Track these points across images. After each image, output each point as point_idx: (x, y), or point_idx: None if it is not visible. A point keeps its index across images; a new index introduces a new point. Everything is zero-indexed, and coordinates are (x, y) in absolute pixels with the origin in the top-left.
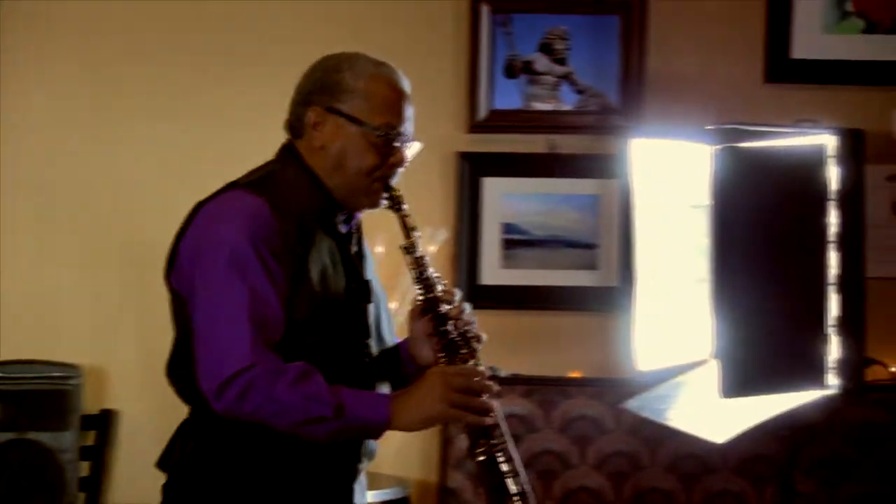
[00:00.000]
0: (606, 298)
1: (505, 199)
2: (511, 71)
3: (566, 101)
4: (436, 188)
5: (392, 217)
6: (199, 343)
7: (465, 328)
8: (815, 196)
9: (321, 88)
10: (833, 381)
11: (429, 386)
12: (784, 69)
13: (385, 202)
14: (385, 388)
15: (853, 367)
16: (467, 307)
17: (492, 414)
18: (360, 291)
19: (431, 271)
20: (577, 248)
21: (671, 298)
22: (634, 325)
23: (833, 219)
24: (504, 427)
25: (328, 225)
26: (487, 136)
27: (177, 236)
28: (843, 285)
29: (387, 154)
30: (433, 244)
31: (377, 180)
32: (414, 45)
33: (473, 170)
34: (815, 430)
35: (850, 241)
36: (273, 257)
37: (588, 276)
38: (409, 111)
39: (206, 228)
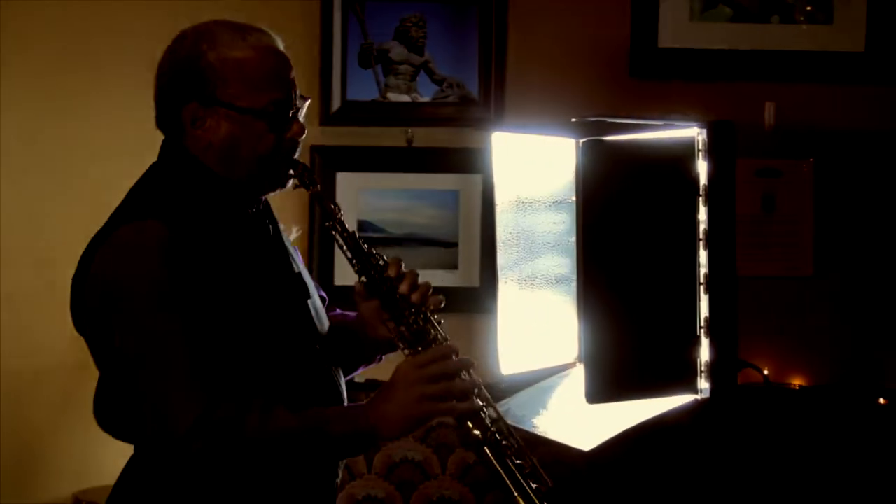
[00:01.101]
0: (468, 299)
1: (360, 196)
2: (365, 60)
3: (424, 91)
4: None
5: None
6: (146, 401)
7: (420, 301)
8: (684, 191)
9: (187, 80)
10: (704, 386)
11: (404, 386)
12: (651, 60)
13: (292, 181)
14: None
15: (725, 370)
16: (417, 278)
17: (476, 390)
18: (295, 288)
19: (364, 246)
20: (437, 246)
21: (536, 299)
22: (497, 326)
23: (702, 215)
24: (489, 398)
25: (240, 222)
26: (341, 128)
27: (76, 279)
28: (714, 285)
29: (281, 130)
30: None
31: (279, 161)
32: None
33: (326, 164)
34: (685, 437)
35: (720, 239)
36: (192, 282)
37: (448, 276)
38: (291, 72)
39: (112, 271)
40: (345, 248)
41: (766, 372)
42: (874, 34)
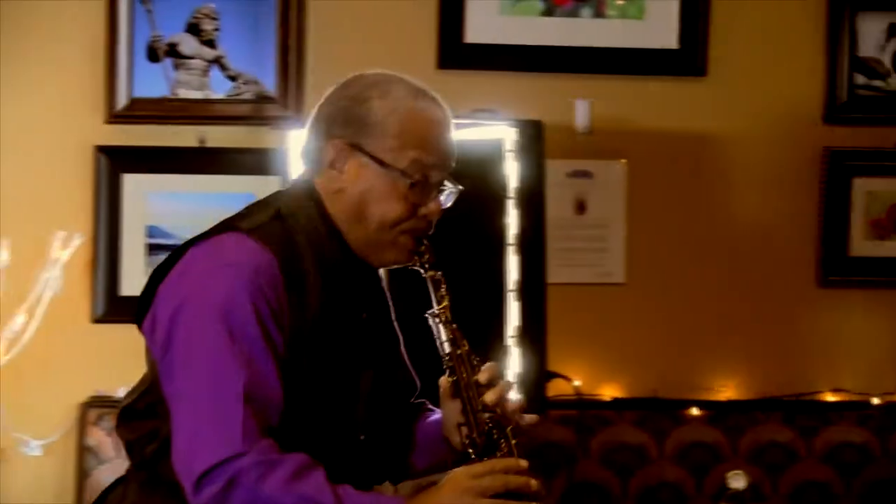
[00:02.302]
0: None
1: (149, 199)
2: (154, 54)
3: (217, 88)
4: (69, 186)
5: (23, 215)
6: (178, 419)
7: (503, 415)
8: (492, 194)
9: (344, 119)
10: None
11: (451, 494)
12: (458, 54)
13: (413, 259)
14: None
15: (534, 381)
16: (510, 389)
17: None
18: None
19: (465, 346)
20: None
21: None
22: None
23: (512, 219)
24: None
25: (345, 286)
26: (128, 127)
27: (153, 277)
28: (524, 292)
29: (418, 203)
30: (66, 249)
31: (405, 233)
32: (40, 24)
33: (112, 165)
34: None
35: (531, 244)
36: (277, 325)
37: None
38: (448, 149)
39: (197, 277)
40: (443, 339)
41: (577, 383)
42: (687, 30)
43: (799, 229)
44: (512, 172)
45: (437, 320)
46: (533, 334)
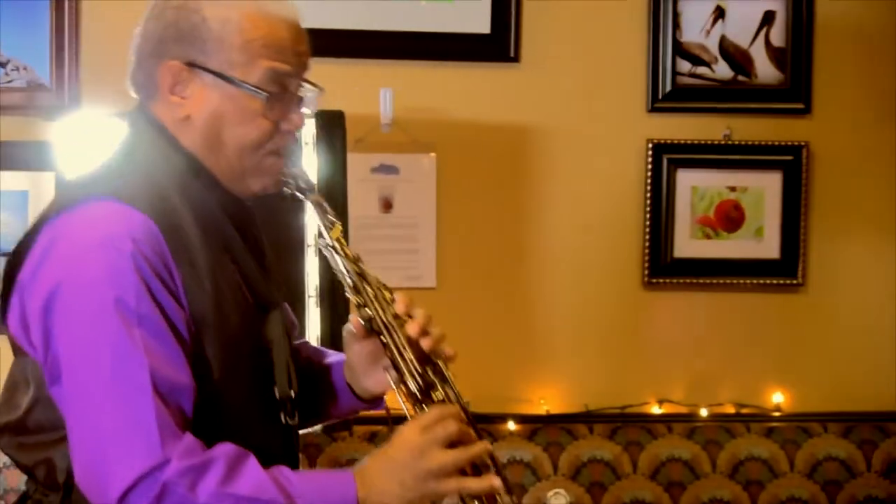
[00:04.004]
0: None
1: None
2: None
3: None
4: None
5: None
6: (77, 428)
7: (430, 350)
8: (289, 191)
9: (176, 34)
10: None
11: (406, 450)
12: None
13: (289, 183)
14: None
15: None
16: (430, 320)
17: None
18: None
19: (369, 275)
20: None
21: None
22: None
23: (311, 219)
24: (500, 467)
25: (221, 225)
26: None
27: (11, 261)
28: (325, 298)
29: (279, 119)
30: None
31: (270, 154)
32: None
33: None
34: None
35: None
36: (171, 297)
37: None
38: (304, 53)
39: (66, 256)
40: (345, 273)
41: (384, 397)
42: (499, 14)
43: (623, 227)
44: (311, 167)
45: (333, 251)
46: (336, 344)
